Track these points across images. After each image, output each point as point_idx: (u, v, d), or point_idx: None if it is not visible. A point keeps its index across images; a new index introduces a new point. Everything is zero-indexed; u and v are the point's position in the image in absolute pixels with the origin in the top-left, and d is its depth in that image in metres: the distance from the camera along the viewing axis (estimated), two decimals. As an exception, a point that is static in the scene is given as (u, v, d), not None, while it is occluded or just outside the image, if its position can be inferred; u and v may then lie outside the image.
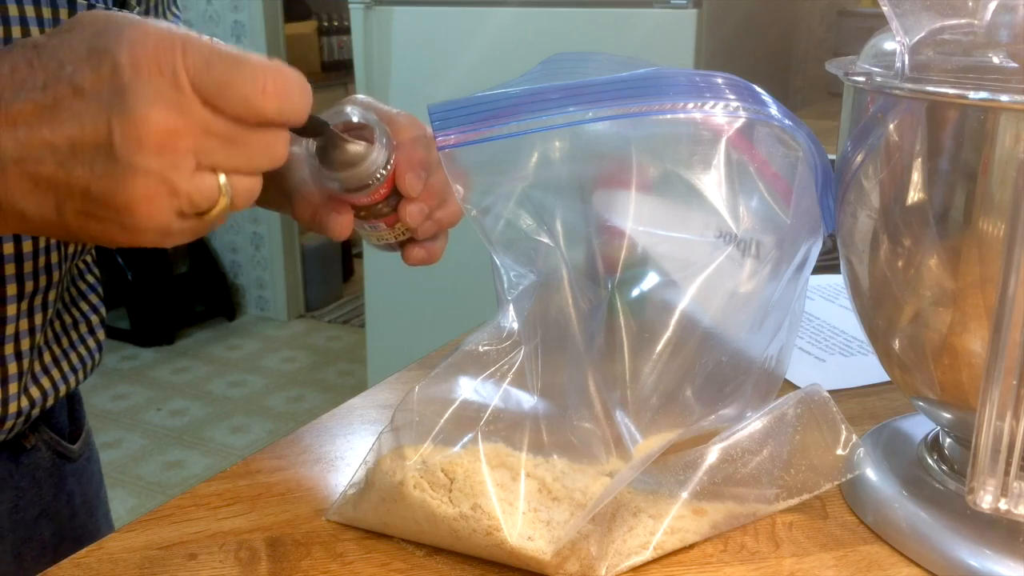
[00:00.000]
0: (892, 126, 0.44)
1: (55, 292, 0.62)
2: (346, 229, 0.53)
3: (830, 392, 0.52)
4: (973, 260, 0.42)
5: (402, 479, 0.46)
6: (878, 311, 0.49)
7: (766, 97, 0.49)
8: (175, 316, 3.30)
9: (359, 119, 0.50)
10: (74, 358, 0.67)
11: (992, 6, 0.42)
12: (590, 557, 0.44)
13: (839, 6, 2.44)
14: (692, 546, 0.47)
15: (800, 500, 0.50)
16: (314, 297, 3.59)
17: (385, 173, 0.50)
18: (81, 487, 0.73)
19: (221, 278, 3.51)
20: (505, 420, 0.46)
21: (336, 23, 3.99)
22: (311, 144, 0.49)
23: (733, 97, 0.47)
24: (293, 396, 2.87)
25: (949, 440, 0.51)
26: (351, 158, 0.49)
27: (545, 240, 0.48)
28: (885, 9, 0.42)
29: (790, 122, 0.48)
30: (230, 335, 3.37)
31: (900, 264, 0.46)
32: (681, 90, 0.46)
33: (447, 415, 0.47)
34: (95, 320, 0.70)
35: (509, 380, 0.47)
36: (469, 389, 0.47)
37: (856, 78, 0.46)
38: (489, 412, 0.46)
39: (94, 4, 0.60)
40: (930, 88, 0.42)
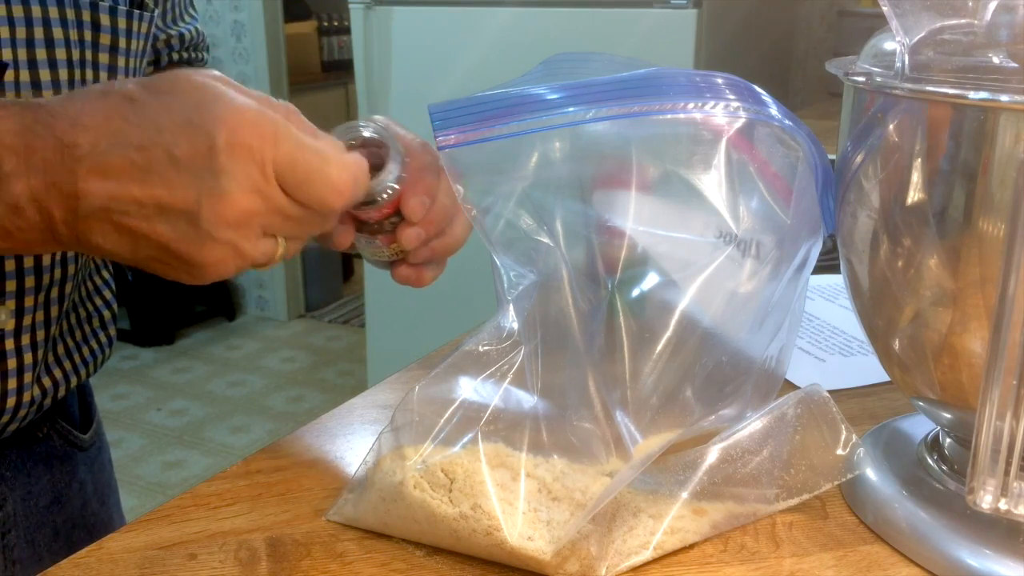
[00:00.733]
0: (892, 126, 0.44)
1: (71, 284, 0.63)
2: (346, 240, 0.55)
3: (830, 392, 0.52)
4: (973, 260, 0.42)
5: (402, 479, 0.46)
6: (878, 311, 0.49)
7: (766, 97, 0.49)
8: (175, 316, 3.30)
9: (375, 135, 0.51)
10: (86, 351, 0.68)
11: (992, 6, 0.42)
12: (590, 557, 0.44)
13: (839, 6, 2.44)
14: (692, 546, 0.47)
15: (800, 500, 0.50)
16: (314, 297, 3.59)
17: (393, 192, 0.51)
18: (93, 476, 0.74)
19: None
20: (505, 420, 0.46)
21: (336, 23, 4.00)
22: None
23: (733, 97, 0.47)
24: (293, 396, 2.87)
25: (949, 440, 0.51)
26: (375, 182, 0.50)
27: (545, 240, 0.48)
28: (885, 9, 0.42)
29: (790, 122, 0.48)
30: (230, 335, 3.37)
31: (900, 264, 0.46)
32: (681, 90, 0.46)
33: (447, 415, 0.47)
34: (107, 315, 0.71)
35: (509, 380, 0.47)
36: (469, 389, 0.47)
37: (856, 78, 0.46)
38: (489, 412, 0.46)
39: (115, 6, 0.61)
40: (930, 88, 0.42)
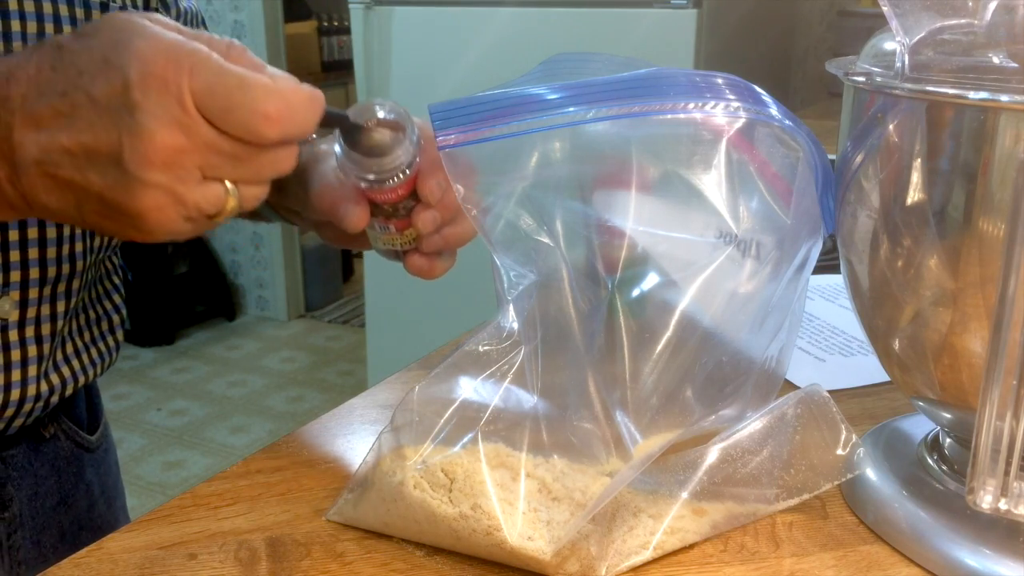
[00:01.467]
0: (892, 126, 0.44)
1: (79, 281, 0.63)
2: (362, 221, 0.53)
3: (830, 392, 0.52)
4: (973, 260, 0.42)
5: (402, 479, 0.46)
6: (878, 311, 0.49)
7: (766, 97, 0.49)
8: (175, 316, 3.30)
9: (391, 115, 0.49)
10: (94, 353, 0.68)
11: (992, 6, 0.42)
12: (590, 557, 0.44)
13: (839, 6, 2.44)
14: (692, 546, 0.47)
15: (800, 500, 0.50)
16: (314, 297, 3.59)
17: (409, 171, 0.50)
18: (99, 477, 0.74)
19: (221, 278, 3.51)
20: (505, 420, 0.46)
21: (336, 23, 4.00)
22: (340, 132, 0.49)
23: (733, 97, 0.47)
24: (293, 396, 2.87)
25: (949, 440, 0.51)
26: (379, 146, 0.49)
27: (545, 240, 0.48)
28: (885, 9, 0.42)
29: (790, 122, 0.48)
30: (230, 335, 3.37)
31: (900, 264, 0.46)
32: (681, 90, 0.46)
33: (447, 415, 0.47)
34: (116, 320, 0.71)
35: (509, 380, 0.47)
36: (469, 389, 0.47)
37: (856, 78, 0.46)
38: (489, 412, 0.46)
39: (125, 6, 0.61)
40: (930, 88, 0.42)
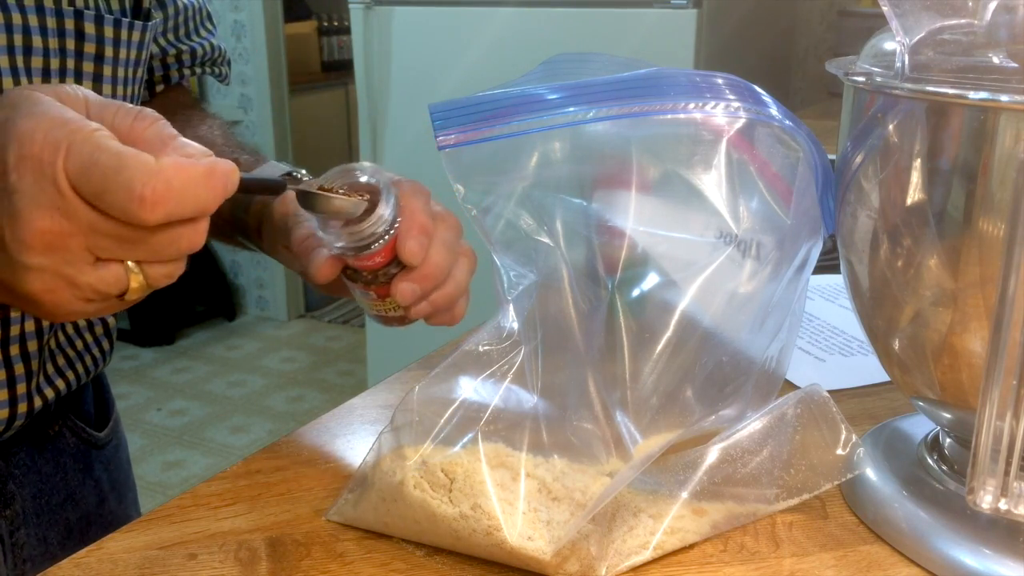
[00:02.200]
0: (892, 126, 0.44)
1: None
2: (326, 273, 0.51)
3: (830, 392, 0.52)
4: (973, 260, 0.42)
5: (402, 479, 0.46)
6: (878, 311, 0.49)
7: (766, 97, 0.49)
8: (175, 316, 3.30)
9: (367, 179, 0.49)
10: (88, 360, 0.68)
11: (992, 6, 0.42)
12: (590, 557, 0.44)
13: (839, 6, 2.44)
14: (692, 546, 0.47)
15: (800, 500, 0.50)
16: (314, 297, 3.59)
17: (386, 238, 0.49)
18: (109, 473, 0.74)
19: (221, 278, 3.51)
20: (505, 420, 0.46)
21: (336, 23, 4.00)
22: (297, 198, 0.47)
23: (733, 97, 0.47)
24: (293, 396, 2.87)
25: (949, 440, 0.51)
26: (342, 213, 0.47)
27: (545, 240, 0.48)
28: (885, 9, 0.42)
29: (790, 122, 0.48)
30: (230, 335, 3.37)
31: (900, 264, 0.46)
32: (681, 90, 0.46)
33: (447, 415, 0.47)
34: (111, 323, 0.71)
35: (509, 380, 0.47)
36: (469, 389, 0.47)
37: (856, 78, 0.46)
38: (489, 412, 0.46)
39: (100, 15, 0.60)
40: (930, 88, 0.42)
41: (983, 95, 0.39)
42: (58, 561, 0.47)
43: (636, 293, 0.48)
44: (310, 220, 0.51)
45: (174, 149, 0.39)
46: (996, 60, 0.41)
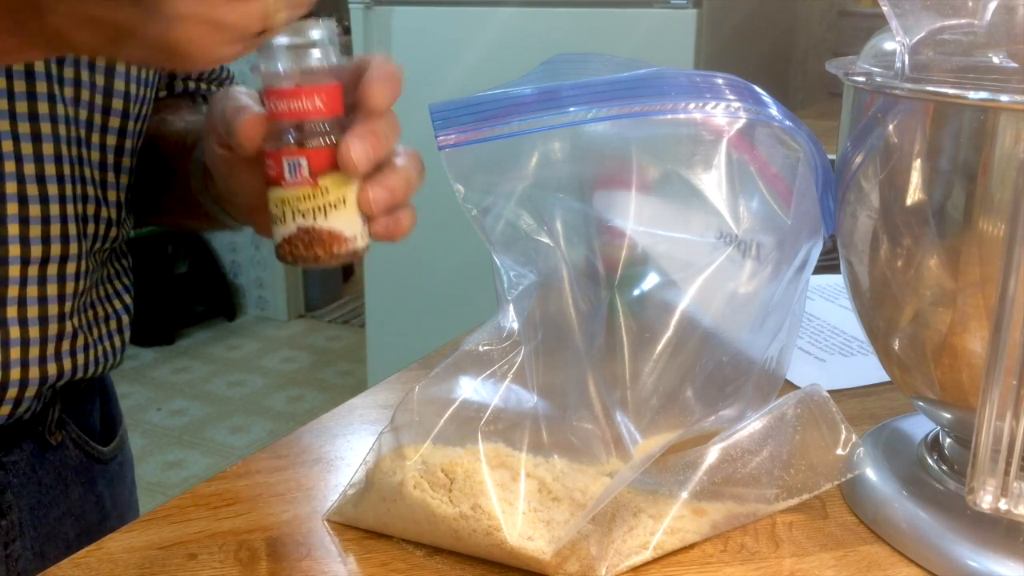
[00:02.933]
0: (892, 126, 0.44)
1: (75, 267, 0.61)
2: (250, 129, 0.45)
3: (830, 392, 0.52)
4: (973, 260, 0.42)
5: (402, 479, 0.46)
6: (878, 311, 0.49)
7: (766, 98, 0.49)
8: (175, 316, 3.30)
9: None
10: (100, 351, 0.66)
11: (992, 6, 0.42)
12: (590, 557, 0.44)
13: (839, 6, 2.44)
14: (692, 546, 0.47)
15: (800, 500, 0.50)
16: (314, 297, 3.60)
17: (330, 63, 0.43)
18: (112, 490, 0.72)
19: (221, 278, 3.51)
20: (505, 420, 0.46)
21: (336, 23, 3.99)
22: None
23: (734, 98, 0.47)
24: (293, 396, 2.87)
25: (949, 440, 0.51)
26: (296, 28, 0.43)
27: (545, 240, 0.48)
28: (885, 9, 0.42)
29: (790, 123, 0.48)
30: (230, 335, 3.37)
31: (900, 264, 0.46)
32: (682, 90, 0.46)
33: (447, 415, 0.47)
34: (125, 320, 0.70)
35: (509, 380, 0.47)
36: (469, 389, 0.47)
37: (856, 78, 0.46)
38: (489, 412, 0.46)
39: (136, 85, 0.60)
40: (930, 88, 0.42)
41: (983, 95, 0.39)
42: (56, 577, 0.46)
43: (636, 293, 0.48)
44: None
45: None
46: (996, 60, 0.41)
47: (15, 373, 0.59)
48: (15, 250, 0.57)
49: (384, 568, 0.46)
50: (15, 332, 0.59)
